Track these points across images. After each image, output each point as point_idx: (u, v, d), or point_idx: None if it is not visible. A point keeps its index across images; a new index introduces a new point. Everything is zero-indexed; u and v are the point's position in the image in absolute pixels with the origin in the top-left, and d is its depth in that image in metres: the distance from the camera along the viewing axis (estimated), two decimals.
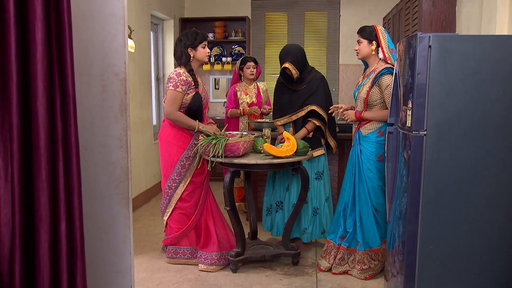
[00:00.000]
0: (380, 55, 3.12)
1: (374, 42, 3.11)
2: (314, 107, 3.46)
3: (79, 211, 1.47)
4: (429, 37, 2.19)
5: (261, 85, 4.67)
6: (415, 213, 2.32)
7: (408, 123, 2.34)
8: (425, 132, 2.26)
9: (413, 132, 2.28)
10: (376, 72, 3.08)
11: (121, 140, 2.13)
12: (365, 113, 3.14)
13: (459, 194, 2.28)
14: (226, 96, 4.68)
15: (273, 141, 3.77)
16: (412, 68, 2.30)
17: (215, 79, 6.84)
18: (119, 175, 2.14)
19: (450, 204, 2.29)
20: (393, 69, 3.01)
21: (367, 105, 3.15)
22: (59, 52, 1.43)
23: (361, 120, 3.18)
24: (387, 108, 3.06)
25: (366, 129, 3.16)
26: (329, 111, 3.43)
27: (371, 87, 3.09)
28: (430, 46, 2.19)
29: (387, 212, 2.80)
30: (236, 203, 4.78)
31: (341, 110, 3.35)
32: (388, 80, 3.02)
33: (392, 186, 2.69)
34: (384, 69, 3.06)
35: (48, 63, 1.40)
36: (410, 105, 2.31)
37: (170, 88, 3.14)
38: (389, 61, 3.09)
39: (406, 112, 2.37)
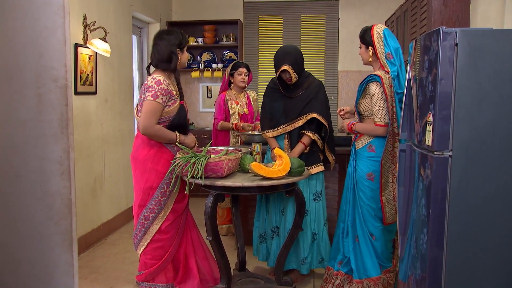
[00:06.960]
0: None
1: (370, 48, 2.79)
2: (314, 115, 3.00)
3: None
4: (456, 32, 1.73)
5: (251, 93, 4.25)
6: (437, 255, 1.84)
7: (428, 141, 1.87)
8: (450, 153, 1.80)
9: (435, 152, 1.82)
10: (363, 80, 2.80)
11: (62, 165, 1.67)
12: (356, 125, 2.86)
13: (494, 230, 1.81)
14: (215, 105, 4.18)
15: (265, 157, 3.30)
16: (432, 72, 1.84)
17: (207, 87, 6.38)
18: (59, 209, 1.68)
19: (483, 243, 1.82)
20: (378, 76, 2.68)
21: (360, 115, 2.87)
22: None
23: (352, 132, 2.91)
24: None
25: (359, 143, 2.88)
26: (340, 112, 3.13)
27: (359, 95, 2.82)
28: (456, 44, 1.73)
29: (400, 246, 2.33)
30: (224, 225, 4.31)
31: (342, 113, 3.09)
32: (373, 89, 2.72)
33: (405, 216, 2.22)
34: (368, 76, 2.75)
35: None
36: (430, 118, 1.85)
37: (148, 98, 2.65)
38: (385, 69, 2.74)
39: (425, 128, 1.90)
